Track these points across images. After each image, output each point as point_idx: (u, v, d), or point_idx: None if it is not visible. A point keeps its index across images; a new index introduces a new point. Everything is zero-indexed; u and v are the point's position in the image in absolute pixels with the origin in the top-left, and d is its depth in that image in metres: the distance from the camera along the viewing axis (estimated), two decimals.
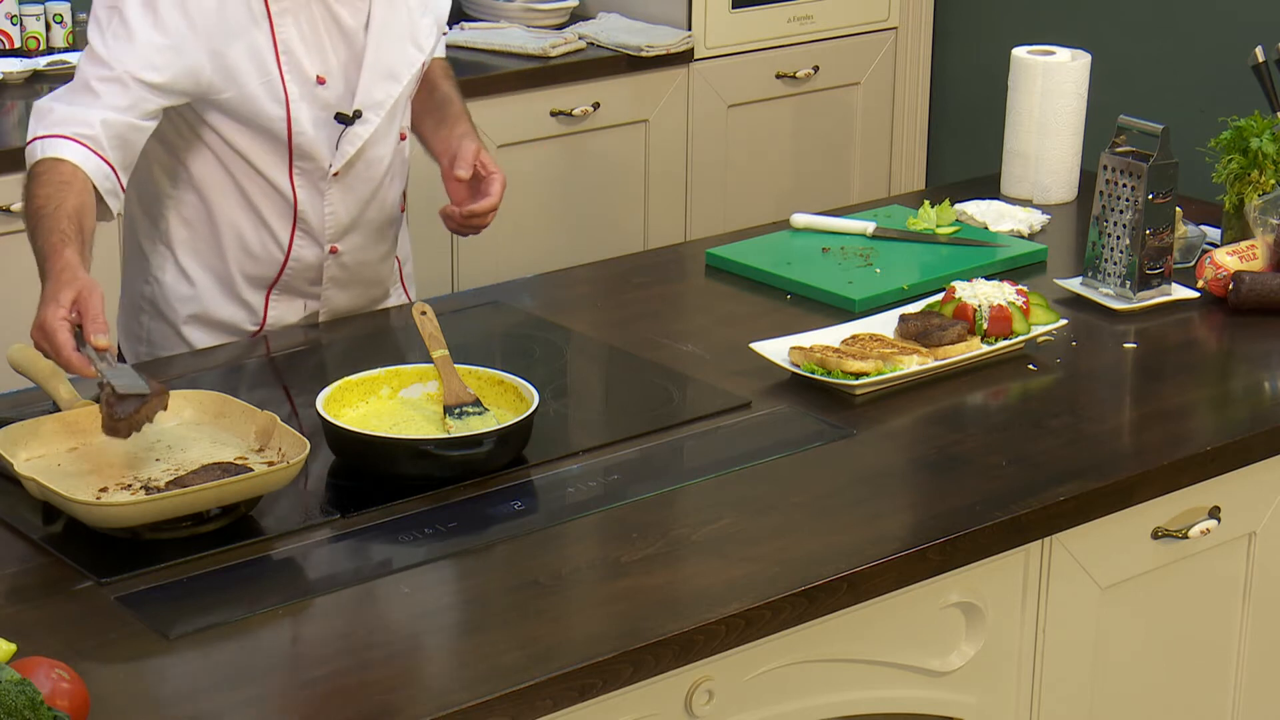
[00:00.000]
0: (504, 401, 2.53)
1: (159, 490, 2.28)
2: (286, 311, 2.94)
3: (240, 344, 2.88)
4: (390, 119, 2.88)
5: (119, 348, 2.99)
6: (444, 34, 3.05)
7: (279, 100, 2.77)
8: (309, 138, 2.81)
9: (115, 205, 2.67)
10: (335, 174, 2.84)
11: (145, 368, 2.82)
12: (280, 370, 2.82)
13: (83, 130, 2.64)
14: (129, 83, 2.67)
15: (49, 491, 2.23)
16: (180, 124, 2.81)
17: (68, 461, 2.37)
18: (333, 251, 2.91)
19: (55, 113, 2.67)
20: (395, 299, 3.07)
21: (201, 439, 2.43)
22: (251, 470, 2.31)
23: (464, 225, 2.88)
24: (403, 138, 2.95)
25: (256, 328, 2.93)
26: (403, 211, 3.03)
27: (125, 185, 2.70)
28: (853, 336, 2.78)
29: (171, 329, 2.94)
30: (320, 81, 2.80)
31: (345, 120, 2.82)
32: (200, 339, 2.92)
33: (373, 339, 2.91)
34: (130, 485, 2.31)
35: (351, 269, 2.95)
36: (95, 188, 2.63)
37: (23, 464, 2.31)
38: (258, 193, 2.84)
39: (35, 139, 2.65)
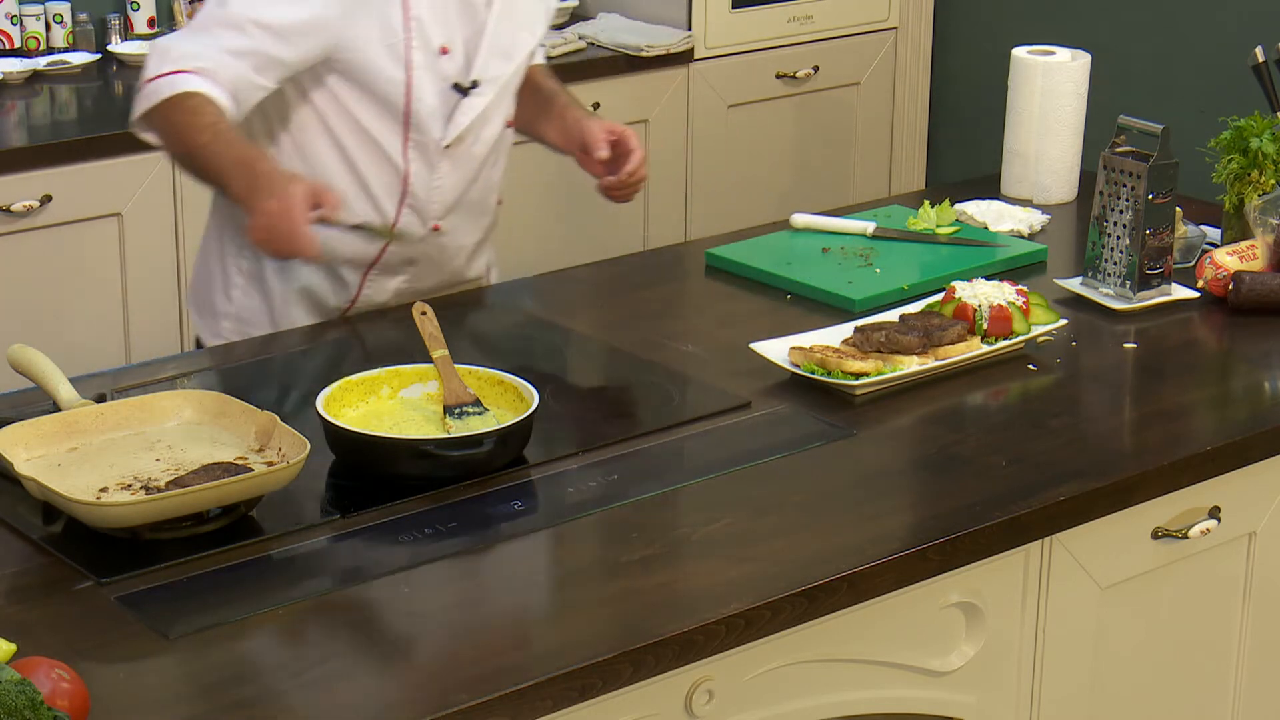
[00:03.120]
0: (504, 401, 2.53)
1: (159, 490, 2.28)
2: (378, 291, 2.99)
3: (241, 344, 2.88)
4: (500, 98, 2.94)
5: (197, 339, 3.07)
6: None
7: (401, 67, 2.81)
8: (427, 106, 2.86)
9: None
10: (447, 146, 2.88)
11: (153, 366, 2.82)
12: (281, 370, 2.82)
13: (205, 66, 2.69)
14: (248, 27, 2.72)
15: (49, 491, 2.23)
16: (295, 95, 2.84)
17: (68, 461, 2.37)
18: (435, 229, 2.96)
19: (176, 49, 2.72)
20: None
21: (201, 439, 2.43)
22: (251, 470, 2.31)
23: (626, 189, 3.03)
24: (508, 124, 3.01)
25: (348, 305, 2.98)
26: (499, 204, 3.08)
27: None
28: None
29: (264, 305, 2.98)
30: (444, 52, 2.85)
31: (461, 90, 2.88)
32: (292, 316, 2.96)
33: (373, 339, 2.91)
34: (130, 485, 2.31)
35: (449, 251, 3.01)
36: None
37: (23, 464, 2.31)
38: (369, 165, 2.87)
39: (161, 75, 2.70)
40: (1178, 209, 3.08)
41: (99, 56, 4.45)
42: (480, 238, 3.07)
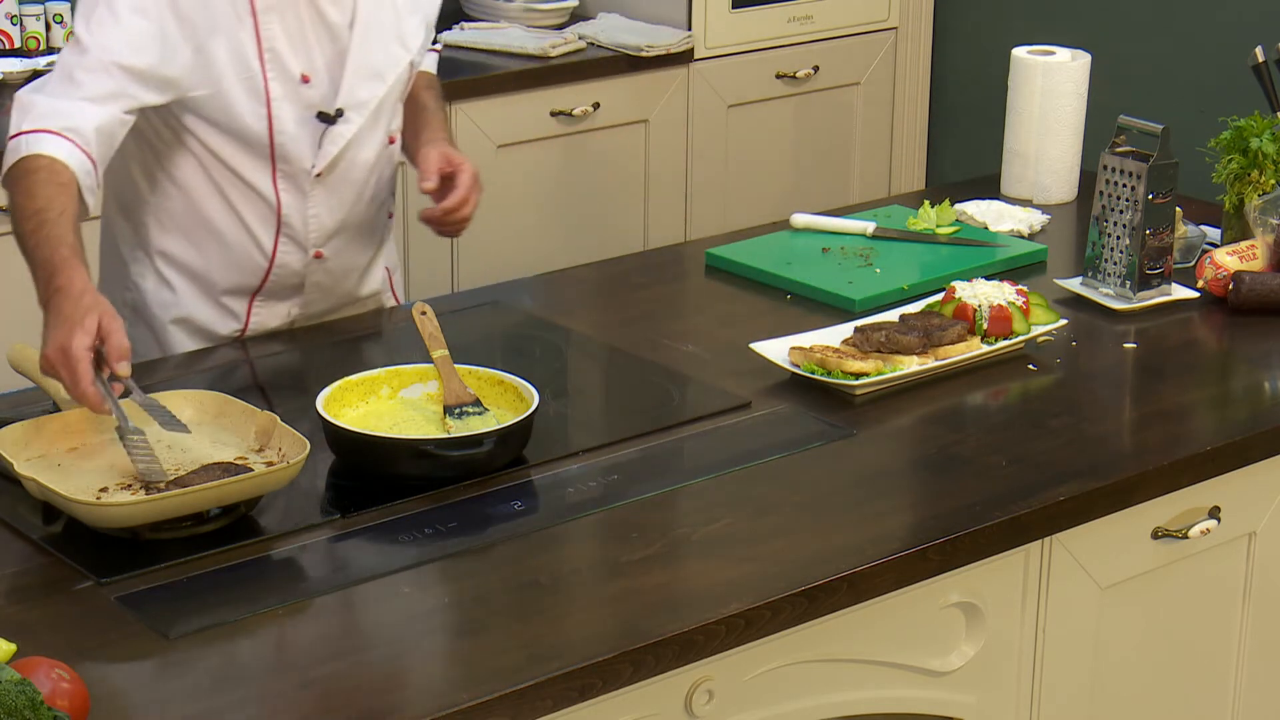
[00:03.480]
0: (504, 401, 2.53)
1: (159, 490, 2.28)
2: (269, 317, 2.91)
3: (236, 345, 2.87)
4: (375, 120, 2.83)
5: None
6: (435, 41, 3.01)
7: (259, 99, 2.73)
8: (291, 137, 2.76)
9: (92, 202, 2.62)
10: (318, 175, 2.80)
11: (152, 366, 2.81)
12: (278, 371, 2.82)
13: (68, 124, 2.59)
14: (112, 70, 2.63)
15: (49, 491, 2.23)
16: (163, 129, 2.78)
17: (68, 461, 2.37)
18: (317, 256, 2.87)
19: (38, 106, 2.62)
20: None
21: (201, 439, 2.43)
22: (251, 470, 2.31)
23: (446, 225, 2.84)
24: (391, 141, 2.90)
25: (239, 333, 2.90)
26: (390, 218, 2.99)
27: (101, 181, 2.65)
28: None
29: (153, 334, 2.90)
30: (305, 80, 2.75)
31: (327, 119, 2.78)
32: (182, 344, 2.88)
33: (372, 339, 2.91)
34: (130, 485, 2.31)
35: (336, 274, 2.92)
36: (78, 185, 2.58)
37: (23, 464, 2.31)
38: (241, 198, 2.80)
39: (20, 134, 2.60)
40: (1178, 209, 3.08)
41: None
42: (371, 257, 2.96)
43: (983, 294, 2.82)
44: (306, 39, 2.76)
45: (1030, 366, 2.80)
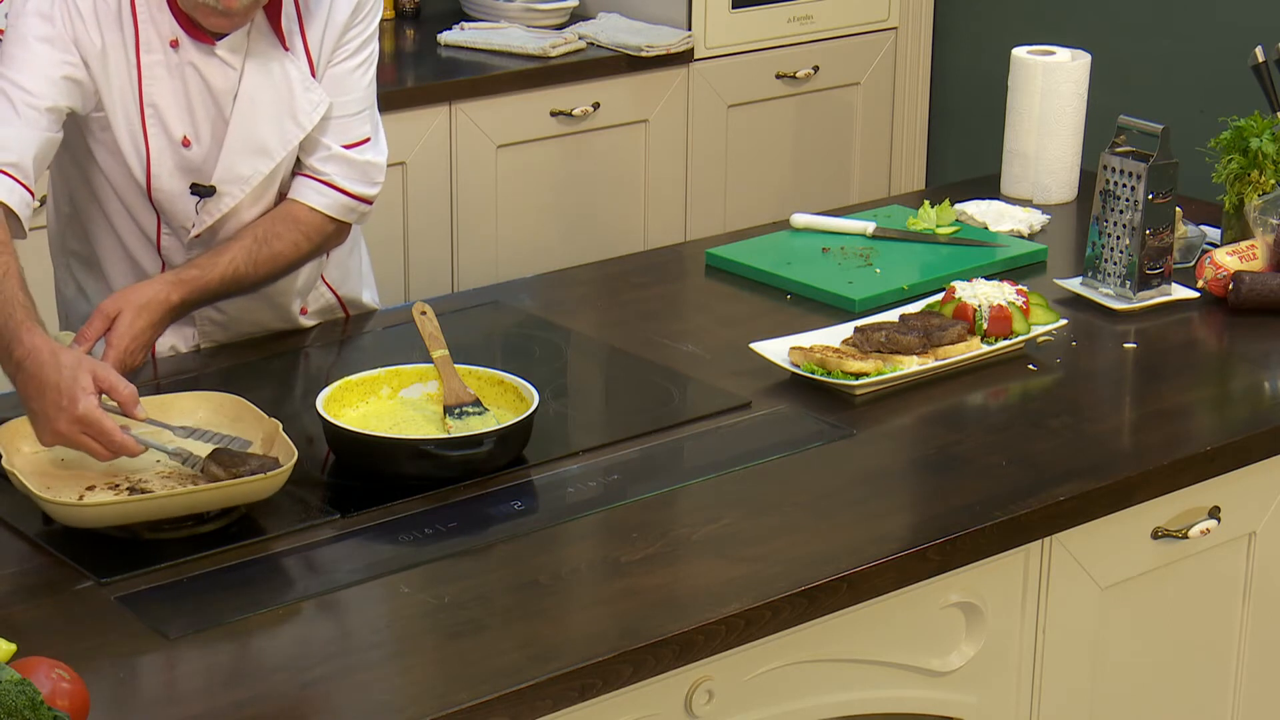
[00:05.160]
0: (504, 401, 2.53)
1: (145, 492, 2.27)
2: (178, 340, 2.83)
3: (235, 345, 2.87)
4: (259, 194, 2.72)
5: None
6: (363, 146, 2.78)
7: (140, 154, 2.67)
8: (168, 196, 2.70)
9: (26, 226, 2.56)
10: (196, 236, 2.72)
11: (158, 365, 2.81)
12: (275, 371, 2.82)
13: (10, 160, 2.52)
14: (36, 93, 2.56)
15: (28, 490, 2.23)
16: (71, 169, 2.75)
17: (71, 456, 2.36)
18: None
19: None
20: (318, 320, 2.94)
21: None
22: (256, 455, 2.31)
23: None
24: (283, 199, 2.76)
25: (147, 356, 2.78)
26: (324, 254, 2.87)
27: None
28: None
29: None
30: (185, 144, 2.68)
31: (199, 192, 2.69)
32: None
33: (372, 339, 2.90)
34: (118, 485, 2.31)
35: (232, 315, 2.83)
36: (18, 217, 2.53)
37: (19, 456, 2.30)
38: (136, 246, 2.77)
39: None
40: (1178, 209, 3.08)
41: None
42: (273, 304, 2.84)
43: (983, 294, 2.82)
44: (190, 101, 2.67)
45: (1030, 366, 2.80)
